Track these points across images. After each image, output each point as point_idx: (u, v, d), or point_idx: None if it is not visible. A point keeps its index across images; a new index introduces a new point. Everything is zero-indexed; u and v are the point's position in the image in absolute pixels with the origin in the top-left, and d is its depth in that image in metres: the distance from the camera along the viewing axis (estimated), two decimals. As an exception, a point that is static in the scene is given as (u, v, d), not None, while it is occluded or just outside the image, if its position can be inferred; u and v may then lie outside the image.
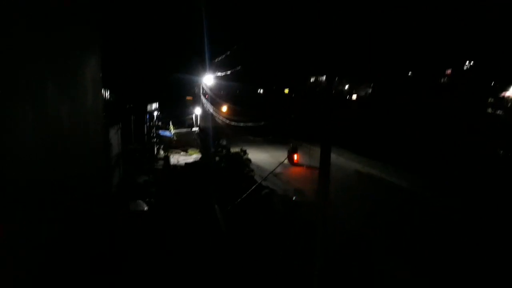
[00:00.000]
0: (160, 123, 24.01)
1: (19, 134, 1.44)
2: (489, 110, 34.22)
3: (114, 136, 11.11)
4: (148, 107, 20.69)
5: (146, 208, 8.88)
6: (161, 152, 20.03)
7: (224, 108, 28.80)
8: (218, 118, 22.45)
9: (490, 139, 19.43)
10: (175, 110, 27.15)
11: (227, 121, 22.01)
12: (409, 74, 45.12)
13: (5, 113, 1.32)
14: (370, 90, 48.72)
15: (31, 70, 1.50)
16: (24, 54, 1.45)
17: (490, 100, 35.44)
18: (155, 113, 22.91)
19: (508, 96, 35.64)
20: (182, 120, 26.97)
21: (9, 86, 1.31)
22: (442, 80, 41.72)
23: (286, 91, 55.57)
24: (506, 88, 35.90)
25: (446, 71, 41.57)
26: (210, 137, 18.52)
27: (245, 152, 15.50)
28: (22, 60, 1.43)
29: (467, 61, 39.76)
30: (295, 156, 17.64)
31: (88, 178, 2.44)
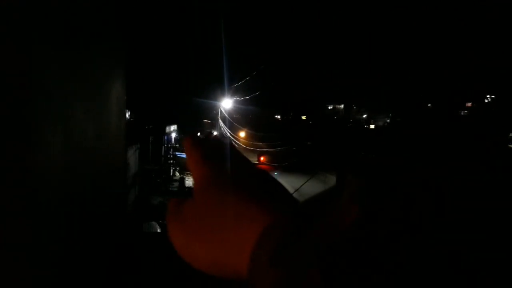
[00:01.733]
0: (177, 145, 24.28)
1: (50, 154, 1.46)
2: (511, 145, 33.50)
3: (132, 156, 11.25)
4: (167, 129, 20.99)
5: (159, 230, 8.85)
6: (177, 173, 20.13)
7: (242, 133, 28.98)
8: (235, 142, 22.56)
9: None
10: (193, 133, 27.40)
11: (244, 146, 22.09)
12: (429, 105, 44.79)
13: (38, 134, 1.34)
14: (388, 120, 48.42)
15: (61, 93, 1.53)
16: (56, 79, 1.48)
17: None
18: (173, 135, 23.20)
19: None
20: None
21: (43, 109, 1.34)
22: (462, 112, 41.25)
23: (304, 117, 55.71)
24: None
25: (466, 104, 41.16)
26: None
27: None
28: (54, 84, 1.46)
29: (488, 95, 39.30)
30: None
31: (106, 199, 2.45)
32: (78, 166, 1.86)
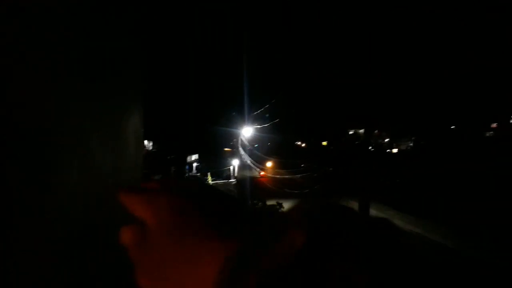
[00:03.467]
0: (199, 174, 24.44)
1: (66, 184, 1.48)
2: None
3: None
4: (188, 158, 21.23)
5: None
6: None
7: (267, 163, 28.91)
8: (256, 169, 22.56)
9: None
10: (214, 161, 27.64)
11: (264, 173, 22.04)
12: (452, 127, 43.87)
13: (54, 165, 1.37)
14: (411, 144, 47.59)
15: (77, 123, 1.56)
16: (73, 110, 1.52)
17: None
18: (195, 164, 23.42)
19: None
20: (220, 171, 27.34)
21: (58, 139, 1.37)
22: (487, 133, 40.18)
23: (324, 143, 55.45)
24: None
25: (492, 125, 40.14)
26: (247, 189, 18.51)
27: (281, 206, 15.32)
28: (71, 115, 1.49)
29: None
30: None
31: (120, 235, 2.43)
32: (94, 201, 1.89)
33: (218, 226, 0.30)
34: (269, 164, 27.66)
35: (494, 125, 40.39)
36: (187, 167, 20.75)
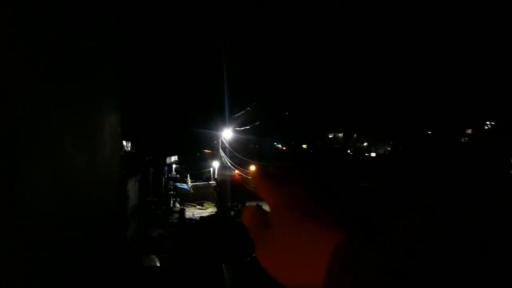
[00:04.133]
0: (178, 176, 24.15)
1: (37, 184, 1.41)
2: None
3: (132, 187, 11.15)
4: (167, 160, 20.95)
5: (158, 264, 8.64)
6: (177, 204, 19.92)
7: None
8: (236, 171, 22.47)
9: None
10: (194, 163, 27.41)
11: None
12: (429, 132, 44.91)
13: (24, 164, 1.30)
14: (389, 148, 48.41)
15: (51, 123, 1.49)
16: (46, 110, 1.45)
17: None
18: (174, 166, 23.14)
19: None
20: (199, 173, 27.11)
21: (29, 136, 1.29)
22: (462, 139, 41.30)
23: (304, 146, 55.78)
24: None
25: (467, 131, 41.28)
26: (227, 191, 18.40)
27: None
28: (43, 115, 1.42)
29: (488, 122, 39.45)
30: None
31: (99, 233, 2.36)
32: (67, 199, 1.81)
33: (333, 214, 0.33)
34: (252, 168, 27.56)
35: (469, 131, 41.55)
36: (166, 168, 20.47)
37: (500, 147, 35.18)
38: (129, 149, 13.88)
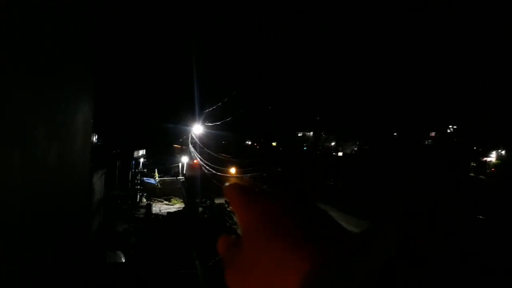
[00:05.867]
0: (145, 170, 23.71)
1: (4, 174, 1.35)
2: (472, 173, 34.93)
3: (98, 181, 10.84)
4: (135, 154, 20.52)
5: (124, 260, 8.45)
6: (144, 199, 19.55)
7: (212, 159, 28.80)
8: (205, 167, 22.32)
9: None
10: (162, 158, 27.00)
11: (214, 171, 21.88)
12: (395, 134, 46.32)
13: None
14: (355, 148, 49.56)
15: (22, 109, 1.43)
16: (15, 94, 1.38)
17: (473, 164, 36.31)
18: (141, 160, 22.70)
19: (490, 161, 36.61)
20: (168, 168, 26.73)
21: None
22: (426, 141, 42.90)
23: (274, 144, 56.16)
24: (487, 154, 36.98)
25: (430, 133, 42.92)
26: (196, 187, 18.24)
27: (229, 204, 15.16)
28: (13, 100, 1.35)
29: (451, 126, 41.18)
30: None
31: (67, 226, 2.29)
32: (37, 184, 1.73)
33: (306, 233, 0.32)
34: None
35: (432, 134, 43.21)
36: (133, 162, 20.04)
37: (461, 150, 36.77)
38: (95, 141, 13.48)
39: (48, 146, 1.75)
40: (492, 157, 36.89)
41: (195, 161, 23.66)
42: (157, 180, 22.77)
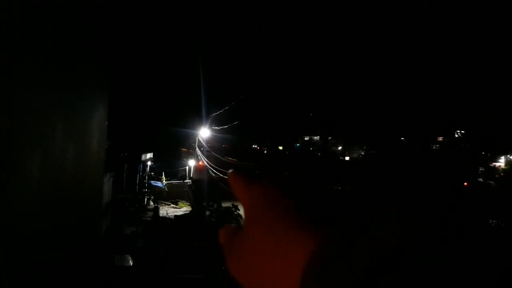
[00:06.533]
0: (152, 173, 23.75)
1: (26, 176, 1.32)
2: (480, 179, 34.54)
3: (106, 184, 10.89)
4: (143, 157, 20.58)
5: (132, 263, 8.44)
6: (151, 202, 19.58)
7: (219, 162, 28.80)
8: (212, 171, 22.31)
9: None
10: (169, 161, 27.04)
11: (221, 175, 21.86)
12: (402, 139, 46.05)
13: (13, 155, 1.20)
14: (362, 152, 49.30)
15: (41, 113, 1.40)
16: (36, 97, 1.36)
17: (481, 169, 35.91)
18: (149, 163, 22.75)
19: (499, 166, 36.20)
20: (175, 171, 26.76)
21: (18, 129, 1.20)
22: (434, 146, 42.57)
23: (280, 147, 56.07)
24: (496, 159, 36.58)
25: (438, 138, 42.59)
26: (203, 190, 18.22)
27: (236, 208, 15.17)
28: (33, 103, 1.33)
29: (459, 130, 40.85)
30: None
31: (79, 229, 2.27)
32: (55, 186, 1.71)
33: (309, 218, 0.31)
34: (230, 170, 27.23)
35: (440, 138, 42.91)
36: (140, 165, 20.10)
37: (469, 154, 36.42)
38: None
39: (66, 149, 1.73)
40: (501, 162, 36.46)
41: (200, 162, 23.75)
42: (164, 183, 22.80)
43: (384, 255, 0.25)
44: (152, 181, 22.02)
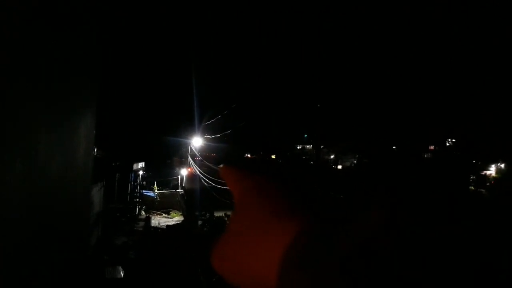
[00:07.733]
0: (144, 183, 23.56)
1: (6, 184, 1.28)
2: (472, 187, 34.79)
3: (97, 193, 10.75)
4: (134, 166, 20.40)
5: (123, 275, 8.29)
6: (143, 212, 19.37)
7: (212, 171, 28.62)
8: (204, 180, 22.18)
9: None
10: (161, 171, 26.86)
11: (213, 184, 21.76)
12: (394, 147, 46.36)
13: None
14: (355, 161, 49.48)
15: (27, 121, 1.36)
16: (22, 105, 1.32)
17: (472, 177, 36.19)
18: (140, 173, 22.56)
19: (490, 175, 36.51)
20: (167, 181, 26.57)
21: (2, 136, 1.16)
22: (425, 155, 42.90)
23: (273, 156, 56.04)
24: (486, 167, 36.92)
25: (429, 147, 42.97)
26: (196, 200, 18.09)
27: (228, 217, 15.05)
28: (20, 110, 1.29)
29: (449, 139, 41.24)
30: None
31: (66, 240, 2.21)
32: (39, 195, 1.67)
33: (291, 207, 0.32)
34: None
35: (431, 147, 43.26)
36: (132, 175, 19.92)
37: (460, 163, 36.71)
38: (95, 154, 13.41)
39: (51, 157, 1.68)
40: (492, 171, 36.79)
41: (189, 168, 23.65)
42: (156, 193, 22.60)
43: (363, 242, 0.25)
44: (144, 191, 21.81)
